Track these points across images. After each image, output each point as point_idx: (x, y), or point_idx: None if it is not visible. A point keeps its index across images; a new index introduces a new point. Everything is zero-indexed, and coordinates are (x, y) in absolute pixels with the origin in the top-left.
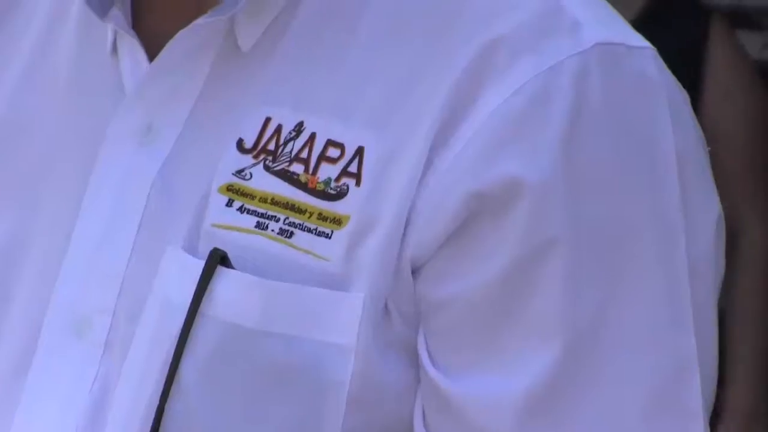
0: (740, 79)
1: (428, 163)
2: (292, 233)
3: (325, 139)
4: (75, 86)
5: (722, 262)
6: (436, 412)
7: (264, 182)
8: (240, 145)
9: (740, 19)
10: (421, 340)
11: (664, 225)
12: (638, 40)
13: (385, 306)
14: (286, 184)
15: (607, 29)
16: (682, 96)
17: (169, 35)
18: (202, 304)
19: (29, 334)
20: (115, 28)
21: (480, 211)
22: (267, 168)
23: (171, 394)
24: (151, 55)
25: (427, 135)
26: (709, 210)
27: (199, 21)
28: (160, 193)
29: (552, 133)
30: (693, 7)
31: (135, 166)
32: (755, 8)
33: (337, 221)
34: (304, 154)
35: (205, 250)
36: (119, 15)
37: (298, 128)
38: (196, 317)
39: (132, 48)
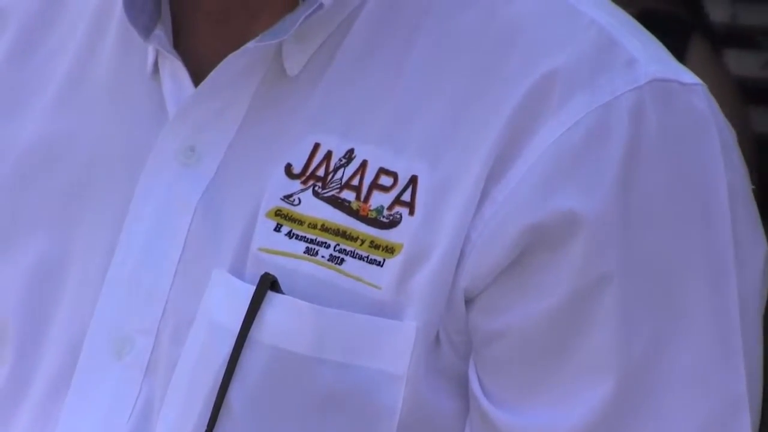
0: (719, 97)
1: (484, 195)
2: (342, 260)
3: (378, 167)
4: (114, 105)
5: (765, 294)
6: None
7: (313, 208)
8: (288, 170)
9: (736, 38)
10: (472, 370)
11: (717, 261)
12: (690, 77)
13: (437, 335)
14: (337, 210)
15: (661, 65)
16: (730, 132)
17: (212, 57)
18: (252, 329)
19: (69, 353)
20: (157, 48)
21: (536, 244)
22: (316, 194)
23: (219, 419)
24: (192, 75)
25: (482, 166)
26: (758, 245)
27: (250, 45)
28: (204, 216)
29: (608, 168)
30: (676, 24)
31: (178, 187)
32: (751, 27)
33: (390, 250)
34: (355, 182)
35: (252, 274)
36: (162, 36)
37: (349, 155)
38: (246, 342)
39: (174, 69)
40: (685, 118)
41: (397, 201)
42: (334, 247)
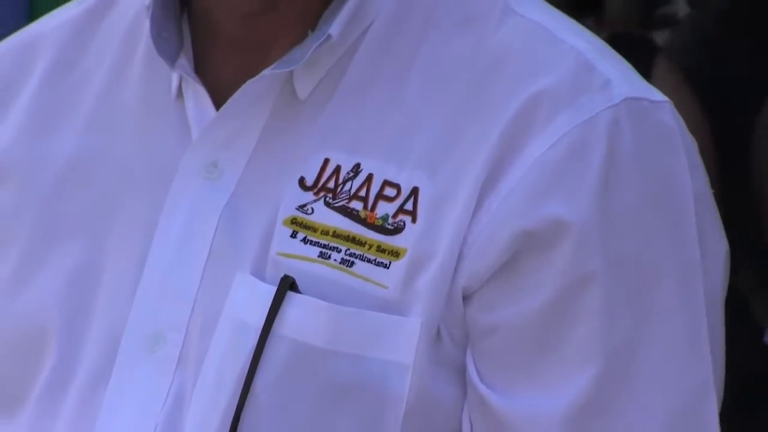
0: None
1: (479, 204)
2: (352, 263)
3: (382, 180)
4: (142, 126)
5: (726, 287)
6: (483, 423)
7: (325, 217)
8: (301, 182)
9: None
10: (469, 359)
11: (685, 260)
12: (658, 95)
13: (438, 329)
14: (347, 219)
15: (632, 86)
16: (692, 142)
17: (231, 82)
18: (274, 325)
19: (107, 350)
20: (181, 74)
21: (526, 247)
22: (327, 204)
23: (245, 405)
24: (213, 98)
25: (477, 178)
26: (720, 244)
27: (265, 72)
28: (227, 224)
29: (590, 178)
30: (641, 46)
31: (203, 198)
32: None
33: (395, 253)
34: (362, 193)
35: (272, 276)
36: (185, 63)
37: (356, 169)
38: (269, 336)
39: (197, 93)
40: (655, 132)
41: (401, 210)
42: (345, 252)
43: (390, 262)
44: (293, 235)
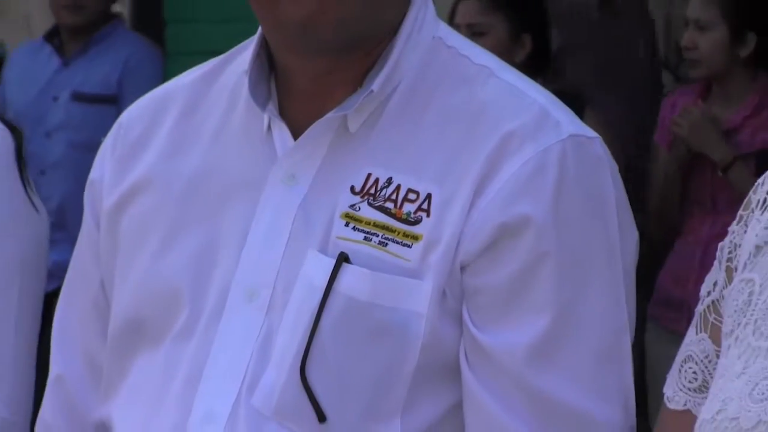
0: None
1: (472, 205)
2: (386, 244)
3: (407, 188)
4: (243, 150)
5: (636, 262)
6: (472, 352)
7: (368, 213)
8: (352, 189)
9: None
10: (464, 309)
11: (610, 245)
12: (592, 133)
13: (444, 290)
14: (382, 214)
15: (575, 126)
16: (615, 165)
17: (304, 120)
18: (333, 285)
19: (220, 301)
20: (269, 116)
21: (504, 234)
22: (370, 204)
23: (314, 338)
24: (292, 132)
25: (470, 188)
26: (632, 234)
27: (329, 115)
28: (301, 216)
29: (547, 188)
30: (576, 99)
31: (284, 199)
32: None
33: (415, 237)
34: (393, 197)
35: (332, 252)
36: (272, 108)
37: (389, 181)
38: (330, 293)
39: (281, 128)
40: (590, 159)
41: (419, 209)
42: (381, 236)
43: (412, 244)
44: (346, 225)
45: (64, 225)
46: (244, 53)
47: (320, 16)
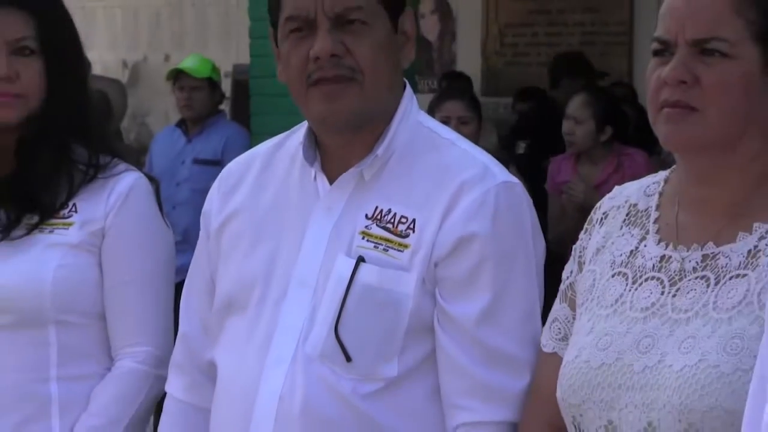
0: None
1: (440, 225)
2: (388, 250)
3: (401, 215)
4: (299, 193)
5: (543, 265)
6: (442, 318)
7: (377, 231)
8: (366, 216)
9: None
10: (437, 291)
11: (528, 250)
12: (515, 179)
13: (423, 278)
14: (386, 231)
15: (504, 175)
16: (530, 199)
17: (335, 171)
18: (354, 276)
19: (284, 287)
20: (315, 170)
21: (460, 244)
22: (378, 225)
23: (343, 310)
24: (328, 179)
25: (440, 215)
26: (541, 241)
27: (351, 170)
28: (334, 233)
29: (488, 215)
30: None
31: (324, 223)
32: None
33: (406, 246)
34: (392, 220)
35: (354, 255)
36: (317, 165)
37: (389, 211)
38: (353, 282)
39: (322, 178)
40: (515, 196)
41: (408, 228)
42: (384, 245)
43: (403, 250)
44: (363, 238)
45: (188, 241)
46: (299, 132)
47: (334, 114)
